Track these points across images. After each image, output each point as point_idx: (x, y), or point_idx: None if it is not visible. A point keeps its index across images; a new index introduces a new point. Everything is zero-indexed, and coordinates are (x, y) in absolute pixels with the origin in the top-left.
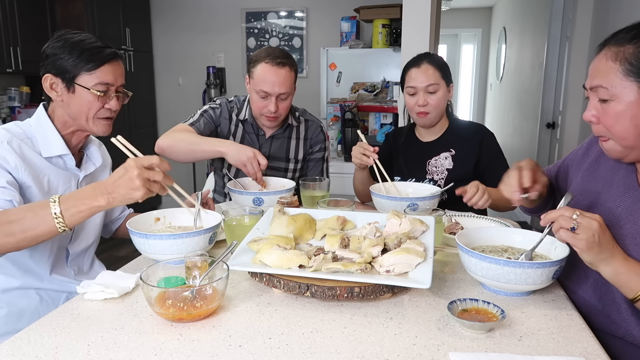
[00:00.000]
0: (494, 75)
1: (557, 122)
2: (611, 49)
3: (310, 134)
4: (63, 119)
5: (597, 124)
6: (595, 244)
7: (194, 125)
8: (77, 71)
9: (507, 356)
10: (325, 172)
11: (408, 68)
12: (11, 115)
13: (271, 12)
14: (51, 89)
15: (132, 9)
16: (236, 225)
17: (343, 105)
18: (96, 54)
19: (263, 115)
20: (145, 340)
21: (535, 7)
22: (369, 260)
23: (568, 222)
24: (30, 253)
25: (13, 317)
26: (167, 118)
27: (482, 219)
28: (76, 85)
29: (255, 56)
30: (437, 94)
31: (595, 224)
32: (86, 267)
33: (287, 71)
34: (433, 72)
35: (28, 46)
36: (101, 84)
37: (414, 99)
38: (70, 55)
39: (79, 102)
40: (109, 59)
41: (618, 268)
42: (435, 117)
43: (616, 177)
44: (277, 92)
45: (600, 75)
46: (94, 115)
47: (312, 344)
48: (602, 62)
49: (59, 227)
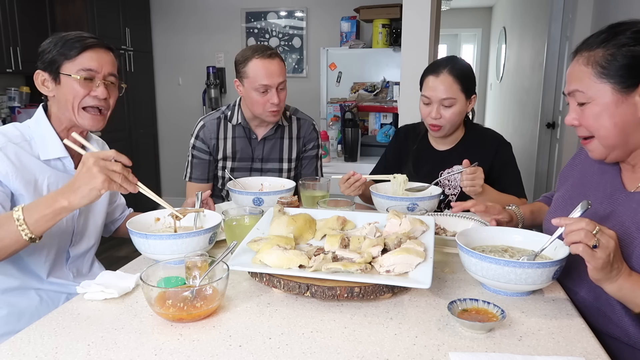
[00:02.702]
0: (494, 75)
1: (557, 122)
2: (583, 54)
3: (303, 133)
4: (57, 115)
5: (579, 126)
6: (609, 264)
7: (196, 180)
8: (60, 61)
9: (507, 356)
10: (319, 170)
11: (426, 74)
12: (11, 115)
13: (271, 12)
14: (42, 85)
15: (132, 9)
16: (236, 225)
17: (343, 105)
18: (76, 42)
19: (267, 112)
20: (145, 340)
21: (535, 7)
22: (369, 260)
23: (590, 238)
24: (28, 255)
25: (13, 317)
26: (167, 118)
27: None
28: (61, 75)
29: (242, 57)
30: (453, 108)
31: (613, 243)
32: (85, 269)
33: (279, 61)
34: (451, 84)
35: (28, 46)
36: (83, 70)
37: (428, 109)
38: (54, 47)
39: (64, 92)
40: (90, 45)
41: (622, 284)
42: (448, 130)
43: (602, 180)
44: (277, 82)
45: (575, 80)
46: (78, 104)
47: (312, 344)
48: (576, 68)
49: (24, 235)
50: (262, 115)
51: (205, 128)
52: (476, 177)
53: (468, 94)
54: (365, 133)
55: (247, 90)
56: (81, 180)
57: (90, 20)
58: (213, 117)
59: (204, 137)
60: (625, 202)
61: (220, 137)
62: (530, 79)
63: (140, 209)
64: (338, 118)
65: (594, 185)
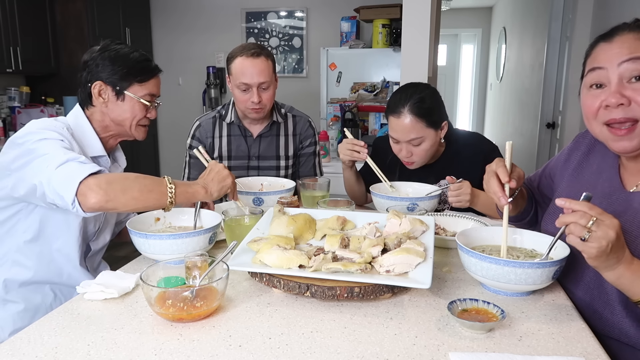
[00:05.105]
0: (494, 75)
1: (557, 122)
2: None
3: (299, 130)
4: (104, 123)
5: (628, 105)
6: (605, 253)
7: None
8: (130, 81)
9: (507, 356)
10: (318, 167)
11: (388, 113)
12: (11, 115)
13: (271, 12)
14: (99, 95)
15: (132, 9)
16: (236, 225)
17: (343, 105)
18: (147, 67)
19: (248, 109)
20: (145, 340)
21: (535, 7)
22: (369, 260)
23: (580, 231)
24: (61, 244)
25: (29, 313)
26: (167, 118)
27: (461, 218)
28: (126, 94)
29: (231, 54)
30: (423, 145)
31: (612, 233)
32: (95, 265)
33: (263, 60)
34: (414, 123)
35: (28, 46)
36: (149, 95)
37: (398, 147)
38: (123, 66)
39: (125, 109)
40: (157, 72)
41: (622, 272)
42: (423, 162)
43: (600, 180)
44: (257, 82)
45: (633, 48)
46: (137, 123)
47: (312, 344)
48: (631, 42)
49: (169, 197)
50: (245, 112)
51: (201, 127)
52: (461, 193)
53: (436, 126)
54: (365, 133)
55: (232, 87)
56: (215, 179)
57: (90, 20)
58: (209, 116)
59: (200, 137)
60: (624, 202)
61: (215, 135)
62: (530, 79)
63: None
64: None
65: (592, 186)
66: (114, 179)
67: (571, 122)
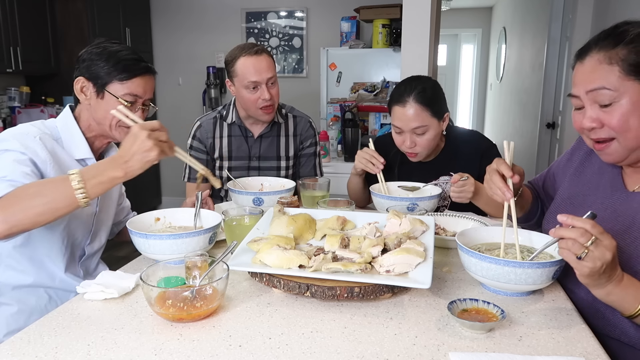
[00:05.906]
0: (494, 76)
1: (557, 122)
2: (599, 53)
3: (300, 130)
4: (88, 122)
5: (601, 127)
6: (598, 273)
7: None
8: (109, 79)
9: (507, 356)
10: (318, 167)
11: (392, 103)
12: (11, 115)
13: (271, 12)
14: (81, 92)
15: (132, 9)
16: (236, 225)
17: (343, 105)
18: (131, 66)
19: (259, 110)
20: (145, 340)
21: (535, 7)
22: (369, 260)
23: (578, 249)
24: (47, 250)
25: (23, 315)
26: (167, 118)
27: (461, 218)
28: (106, 92)
29: (230, 56)
30: (427, 134)
31: (609, 255)
32: (92, 268)
33: (267, 57)
34: (420, 112)
35: (28, 46)
36: (130, 95)
37: (401, 138)
38: (106, 62)
39: (105, 108)
40: (142, 72)
41: (611, 290)
42: (426, 154)
43: (602, 180)
44: (266, 78)
45: (599, 79)
46: (116, 124)
47: (312, 344)
48: (596, 67)
49: (80, 197)
50: (255, 115)
51: (202, 128)
52: (464, 190)
53: (439, 116)
54: (365, 133)
55: (238, 89)
56: (136, 152)
57: (90, 20)
58: (209, 117)
59: (200, 137)
60: (626, 202)
61: (216, 136)
62: (530, 79)
63: (141, 209)
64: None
65: (593, 185)
66: (10, 202)
67: (571, 123)
